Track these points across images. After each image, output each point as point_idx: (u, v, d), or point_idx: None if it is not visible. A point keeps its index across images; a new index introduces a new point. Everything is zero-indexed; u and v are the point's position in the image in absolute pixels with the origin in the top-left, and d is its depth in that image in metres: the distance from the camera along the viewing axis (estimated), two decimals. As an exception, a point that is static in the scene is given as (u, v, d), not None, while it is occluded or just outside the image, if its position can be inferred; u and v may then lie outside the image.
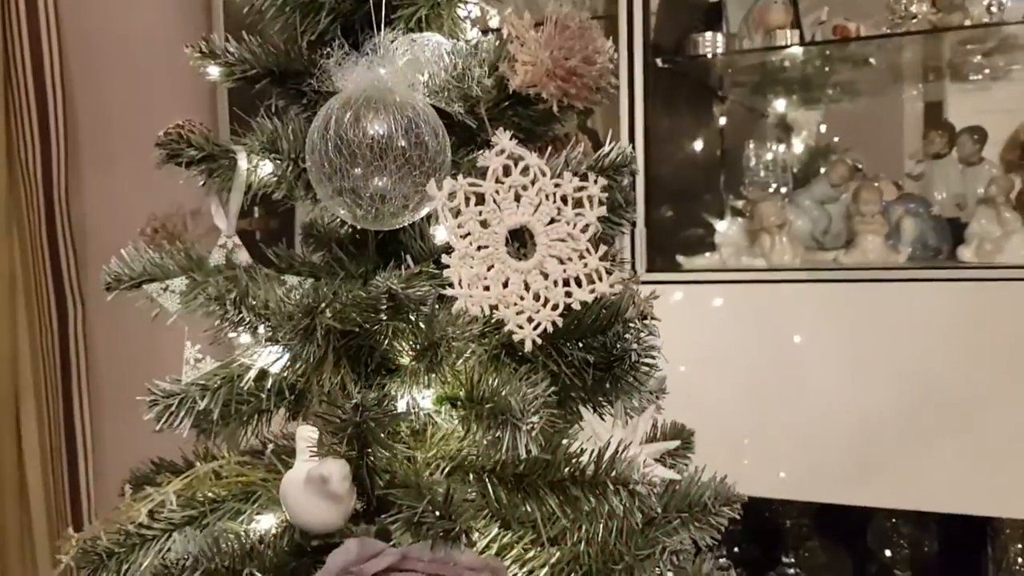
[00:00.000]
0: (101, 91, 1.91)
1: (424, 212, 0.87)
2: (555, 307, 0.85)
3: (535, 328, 0.84)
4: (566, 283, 0.85)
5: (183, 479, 0.90)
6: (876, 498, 1.76)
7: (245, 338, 0.92)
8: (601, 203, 0.86)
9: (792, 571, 1.95)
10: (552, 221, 0.85)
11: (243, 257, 0.97)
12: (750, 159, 2.21)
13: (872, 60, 2.08)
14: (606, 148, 0.95)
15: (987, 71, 2.10)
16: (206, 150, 0.92)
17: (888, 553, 1.88)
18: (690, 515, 0.87)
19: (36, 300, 1.67)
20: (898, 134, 2.31)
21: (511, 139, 0.85)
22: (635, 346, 0.85)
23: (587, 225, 0.85)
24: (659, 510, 0.84)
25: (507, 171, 0.84)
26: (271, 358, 0.93)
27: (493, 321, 0.83)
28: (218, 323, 0.85)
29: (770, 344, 1.79)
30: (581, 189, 0.86)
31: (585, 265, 0.85)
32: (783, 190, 2.21)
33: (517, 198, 0.84)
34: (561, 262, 0.85)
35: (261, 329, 0.85)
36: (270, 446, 0.98)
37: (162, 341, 1.83)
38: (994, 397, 1.65)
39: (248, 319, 0.82)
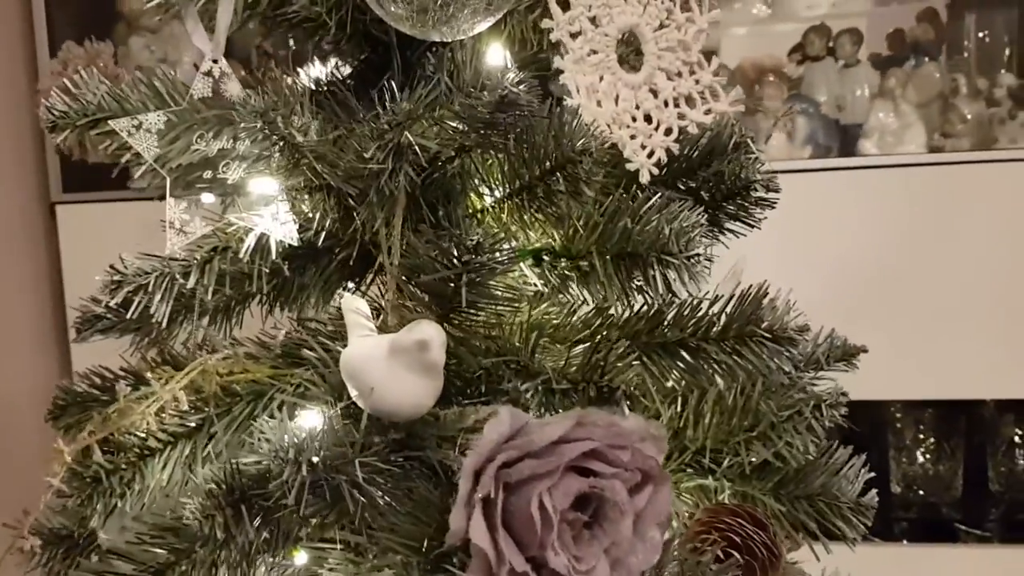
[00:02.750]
0: None
1: (500, 15, 0.69)
2: (668, 131, 0.70)
3: (648, 156, 0.69)
4: (676, 103, 0.71)
5: (187, 374, 0.68)
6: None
7: (264, 188, 0.71)
8: (712, 7, 0.72)
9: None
10: (661, 27, 0.71)
11: (235, 89, 0.74)
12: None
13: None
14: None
15: None
16: (189, -61, 0.69)
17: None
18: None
19: None
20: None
21: (609, -76, 0.69)
22: (758, 176, 0.72)
23: (700, 31, 0.71)
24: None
25: (613, -40, 0.68)
26: (280, 217, 0.72)
27: (607, 146, 0.67)
28: (249, 157, 0.64)
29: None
30: (690, -12, 0.71)
31: (697, 81, 0.72)
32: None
33: (625, -6, 0.69)
34: (670, 77, 0.71)
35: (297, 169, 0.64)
36: (281, 333, 0.77)
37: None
38: (905, 282, 1.68)
39: (303, 144, 0.61)
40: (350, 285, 0.87)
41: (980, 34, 1.89)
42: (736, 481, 0.73)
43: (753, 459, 0.71)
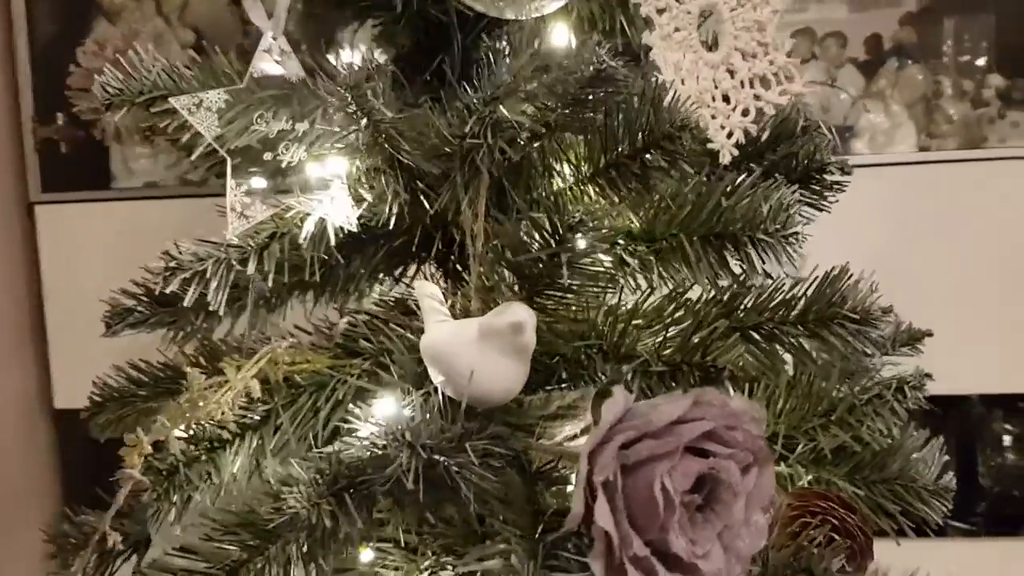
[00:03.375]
0: None
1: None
2: (744, 112, 0.69)
3: (728, 137, 0.68)
4: (752, 83, 0.70)
5: (256, 362, 0.64)
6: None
7: (324, 171, 0.68)
8: (783, -12, 0.71)
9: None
10: (738, 6, 0.70)
11: (294, 68, 0.71)
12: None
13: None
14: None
15: None
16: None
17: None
18: (866, 358, 0.76)
19: None
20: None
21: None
22: (832, 158, 0.71)
23: (774, 11, 0.71)
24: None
25: (693, -64, 0.67)
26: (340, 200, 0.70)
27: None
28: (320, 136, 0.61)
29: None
30: (765, -33, 0.70)
31: (771, 62, 0.71)
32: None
33: (704, -28, 0.68)
34: (746, 58, 0.70)
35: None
36: (341, 322, 0.74)
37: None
38: (898, 280, 1.69)
39: (386, 120, 0.59)
40: (386, 279, 0.84)
41: (959, 37, 1.92)
42: (810, 467, 0.72)
43: (830, 444, 0.70)
